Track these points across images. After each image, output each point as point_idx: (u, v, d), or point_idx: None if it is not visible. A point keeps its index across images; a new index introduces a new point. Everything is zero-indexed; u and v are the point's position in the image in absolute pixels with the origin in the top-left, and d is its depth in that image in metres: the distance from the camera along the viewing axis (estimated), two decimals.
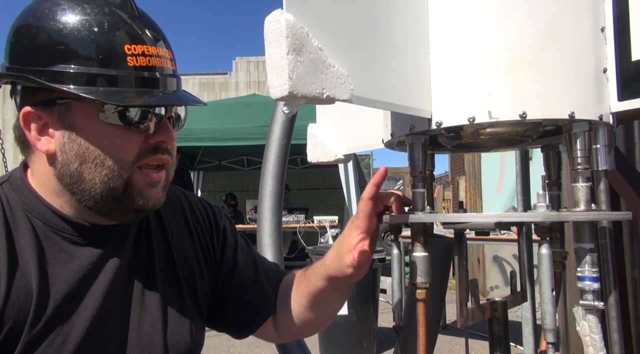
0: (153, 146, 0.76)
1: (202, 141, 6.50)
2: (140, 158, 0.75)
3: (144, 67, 0.72)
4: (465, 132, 0.74)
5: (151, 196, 0.77)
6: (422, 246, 0.74)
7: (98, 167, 0.73)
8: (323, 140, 1.12)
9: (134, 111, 0.72)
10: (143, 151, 0.75)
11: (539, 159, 0.88)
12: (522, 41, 0.65)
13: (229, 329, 1.00)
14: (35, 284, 0.71)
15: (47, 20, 0.71)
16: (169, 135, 0.77)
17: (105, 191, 0.74)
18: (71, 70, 0.69)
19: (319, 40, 0.56)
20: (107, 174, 0.73)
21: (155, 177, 0.77)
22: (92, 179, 0.73)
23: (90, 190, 0.74)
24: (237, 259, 0.98)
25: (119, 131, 0.73)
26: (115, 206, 0.76)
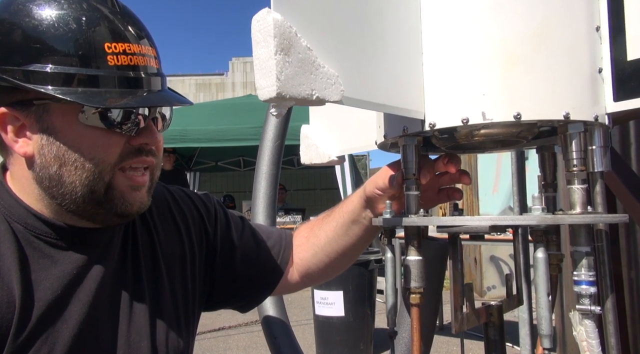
0: (136, 148, 0.74)
1: (198, 142, 6.49)
2: (123, 160, 0.73)
3: (126, 66, 0.69)
4: (459, 133, 0.73)
5: (135, 199, 0.75)
6: (416, 250, 0.73)
7: (78, 170, 0.71)
8: (316, 141, 1.10)
9: (116, 112, 0.70)
10: (125, 153, 0.73)
11: (536, 159, 0.87)
12: (516, 40, 0.64)
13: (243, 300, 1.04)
14: (17, 292, 0.69)
15: (21, 16, 0.68)
16: (153, 137, 0.75)
17: (86, 194, 0.72)
18: (48, 69, 0.67)
19: (308, 39, 0.55)
20: (87, 176, 0.71)
21: (139, 180, 0.75)
22: (72, 183, 0.71)
23: (71, 194, 0.72)
24: (233, 237, 0.99)
25: (99, 133, 0.71)
26: (98, 209, 0.74)
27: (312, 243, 1.01)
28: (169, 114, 0.81)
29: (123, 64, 0.69)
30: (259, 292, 1.04)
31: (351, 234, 0.93)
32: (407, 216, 0.72)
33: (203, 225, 0.98)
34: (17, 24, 0.68)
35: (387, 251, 0.80)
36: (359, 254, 1.03)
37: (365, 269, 3.48)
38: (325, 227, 0.98)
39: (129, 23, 0.72)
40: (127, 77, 0.70)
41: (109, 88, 0.69)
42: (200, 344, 3.90)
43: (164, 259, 0.88)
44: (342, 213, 0.93)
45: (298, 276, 1.04)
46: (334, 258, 0.99)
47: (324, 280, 1.14)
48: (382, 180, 0.80)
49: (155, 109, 0.76)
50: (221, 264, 0.98)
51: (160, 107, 0.78)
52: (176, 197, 0.98)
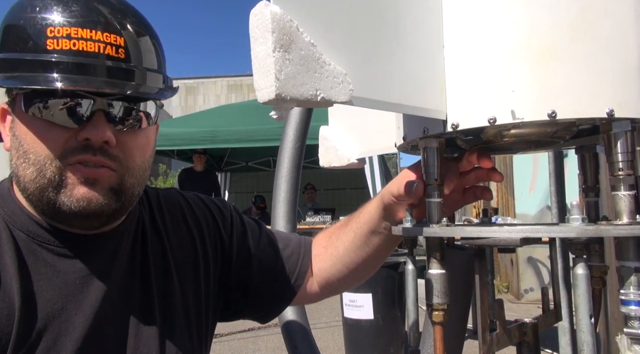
0: (82, 145, 0.68)
1: (229, 142, 6.55)
2: (67, 156, 0.67)
3: (66, 51, 0.65)
4: (486, 134, 0.66)
5: (83, 195, 0.67)
6: (438, 263, 0.66)
7: (25, 163, 0.68)
8: (335, 143, 1.05)
9: (56, 102, 0.66)
10: (70, 148, 0.67)
11: (576, 157, 0.79)
12: (549, 30, 0.56)
13: (261, 311, 0.99)
14: (17, 304, 0.67)
15: (7, 12, 0.69)
16: (96, 132, 0.67)
17: (36, 191, 0.68)
18: (1, 56, 0.66)
19: (311, 34, 0.49)
20: (32, 171, 0.67)
21: (87, 172, 0.68)
22: (24, 177, 0.68)
23: (26, 191, 0.69)
24: (249, 244, 0.95)
25: (43, 125, 0.67)
26: (54, 209, 0.69)
27: (331, 254, 0.96)
28: (155, 111, 0.75)
29: (64, 48, 0.65)
30: (277, 302, 0.99)
31: (370, 245, 0.88)
32: (429, 225, 0.66)
33: (218, 232, 0.94)
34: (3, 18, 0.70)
35: (408, 263, 0.74)
36: (381, 263, 0.97)
37: (395, 272, 3.39)
38: (343, 237, 0.92)
39: (97, 10, 0.68)
40: (71, 62, 0.64)
41: (52, 73, 0.64)
42: (230, 345, 3.91)
43: (175, 268, 0.85)
44: (360, 224, 0.87)
45: (317, 287, 0.99)
46: (354, 269, 0.93)
47: (344, 290, 1.09)
48: (398, 188, 0.74)
49: (104, 101, 0.68)
50: (237, 272, 0.94)
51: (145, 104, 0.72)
52: (190, 203, 0.95)
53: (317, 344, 1.19)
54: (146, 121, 0.74)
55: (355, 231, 0.89)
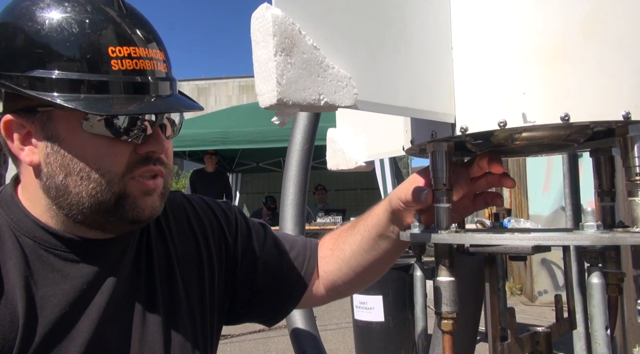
0: (144, 157, 0.71)
1: (239, 143, 6.58)
2: (131, 170, 0.70)
3: (131, 70, 0.66)
4: (497, 138, 0.64)
5: (146, 204, 0.72)
6: (447, 270, 0.64)
7: (84, 181, 0.68)
8: (343, 146, 1.04)
9: (122, 119, 0.67)
10: (133, 162, 0.70)
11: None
12: (562, 29, 0.54)
13: (267, 314, 0.98)
14: (21, 311, 0.67)
15: (24, 20, 0.66)
16: (160, 145, 0.72)
17: (94, 205, 0.69)
18: (51, 75, 0.64)
19: (314, 37, 0.48)
20: (94, 187, 0.68)
21: (150, 184, 0.72)
22: (78, 193, 0.68)
23: (78, 204, 0.69)
24: (254, 247, 0.95)
25: (104, 142, 0.68)
26: (108, 218, 0.71)
27: (337, 256, 0.94)
28: (179, 119, 0.78)
29: (128, 68, 0.66)
30: (283, 305, 0.98)
31: (378, 249, 0.86)
32: (437, 231, 0.64)
33: (223, 235, 0.93)
34: (20, 28, 0.66)
35: (417, 269, 0.73)
36: (389, 267, 0.95)
37: (406, 273, 3.36)
38: (350, 240, 0.91)
39: (136, 26, 0.69)
40: (133, 82, 0.67)
41: (114, 94, 0.66)
42: (241, 346, 3.92)
43: (180, 271, 0.85)
44: (368, 227, 0.86)
45: (324, 289, 0.98)
46: (360, 272, 0.91)
47: (351, 293, 1.07)
48: (406, 193, 0.72)
49: (163, 116, 0.72)
50: (242, 276, 0.94)
51: (169, 113, 0.74)
52: (195, 207, 0.94)
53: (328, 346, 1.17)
54: (171, 128, 0.77)
55: (362, 234, 0.88)
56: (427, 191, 0.68)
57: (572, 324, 0.79)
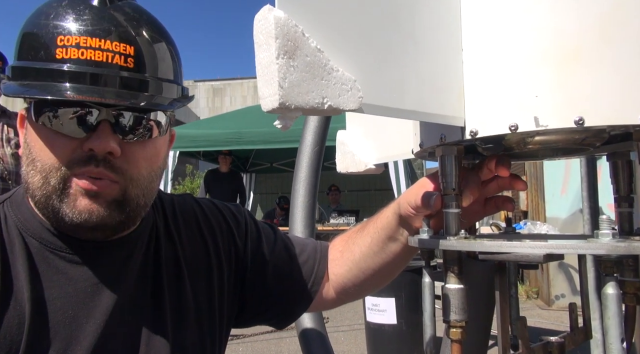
0: (87, 155, 0.67)
1: (253, 143, 6.59)
2: (73, 166, 0.67)
3: (74, 60, 0.64)
4: (508, 142, 0.62)
5: (84, 207, 0.67)
6: (456, 277, 0.63)
7: (33, 171, 0.68)
8: (352, 148, 1.03)
9: (64, 112, 0.66)
10: (76, 158, 0.67)
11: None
12: (576, 30, 0.52)
13: (277, 317, 0.97)
14: (28, 312, 0.67)
15: (26, 19, 0.70)
16: (100, 142, 0.66)
17: (42, 198, 0.68)
18: (14, 65, 0.67)
19: (318, 39, 0.47)
20: (38, 179, 0.68)
21: (88, 184, 0.67)
22: (32, 184, 0.69)
23: (33, 196, 0.70)
24: (264, 250, 0.94)
25: (49, 133, 0.67)
26: (59, 218, 0.69)
27: (347, 258, 0.93)
28: (165, 120, 0.74)
29: (72, 57, 0.64)
30: (294, 308, 0.98)
31: (388, 252, 0.84)
32: (446, 237, 0.63)
33: (232, 238, 0.93)
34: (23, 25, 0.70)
35: (425, 275, 0.71)
36: (400, 270, 0.94)
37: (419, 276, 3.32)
38: (359, 242, 0.90)
39: (108, 19, 0.67)
40: (78, 72, 0.64)
41: (60, 83, 0.64)
42: (253, 346, 3.93)
43: (188, 275, 0.84)
44: (377, 229, 0.84)
45: (334, 292, 0.97)
46: (370, 275, 0.90)
47: (361, 297, 1.05)
48: (415, 198, 0.70)
49: (109, 111, 0.67)
50: (252, 279, 0.93)
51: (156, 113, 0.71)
52: (204, 210, 0.94)
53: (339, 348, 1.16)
54: (157, 130, 0.73)
55: (372, 236, 0.86)
56: (436, 196, 0.66)
57: (588, 333, 0.76)
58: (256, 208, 9.87)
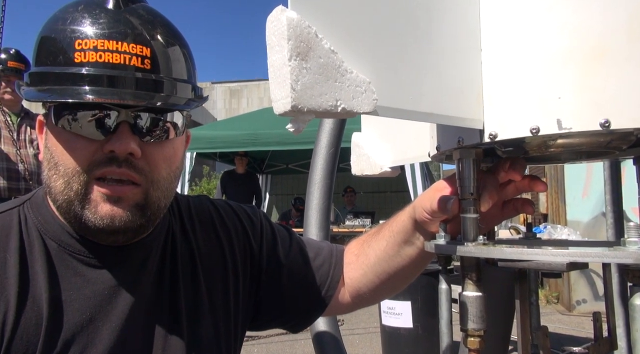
0: (108, 157, 0.67)
1: (269, 145, 6.62)
2: (94, 169, 0.67)
3: (92, 63, 0.65)
4: (529, 145, 0.60)
5: (107, 212, 0.67)
6: (474, 285, 0.61)
7: (55, 175, 0.69)
8: (368, 151, 1.01)
9: (83, 115, 0.67)
10: (97, 161, 0.67)
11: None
12: (602, 29, 0.50)
13: (293, 321, 0.97)
14: (45, 314, 0.67)
15: (43, 24, 0.71)
16: (120, 143, 0.66)
17: (64, 203, 0.69)
18: (32, 70, 0.68)
19: (331, 41, 0.46)
20: (60, 183, 0.68)
21: (109, 190, 0.67)
22: (54, 188, 0.69)
23: (55, 201, 0.70)
24: (279, 253, 0.93)
25: (69, 137, 0.68)
26: (81, 222, 0.69)
27: (362, 262, 0.92)
28: (182, 121, 0.74)
29: (91, 60, 0.65)
30: (309, 313, 0.96)
31: (403, 256, 0.83)
32: (464, 243, 0.61)
33: (248, 241, 0.92)
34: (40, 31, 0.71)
35: (442, 281, 0.69)
36: (416, 275, 0.92)
37: (435, 279, 3.28)
38: (375, 245, 0.88)
39: (124, 22, 0.67)
40: (97, 75, 0.65)
41: (79, 86, 0.64)
42: (268, 347, 3.93)
43: (204, 278, 0.84)
44: (393, 233, 0.83)
45: (349, 297, 0.95)
46: (385, 280, 0.88)
47: (377, 302, 1.04)
48: (431, 203, 0.68)
49: (128, 112, 0.67)
50: (267, 283, 0.92)
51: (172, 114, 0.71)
52: (220, 212, 0.93)
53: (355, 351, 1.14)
54: (173, 131, 0.73)
55: (387, 239, 0.85)
56: (453, 200, 0.64)
57: (613, 344, 0.73)
58: (272, 209, 9.90)
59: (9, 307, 0.66)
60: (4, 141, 2.90)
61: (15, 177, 2.90)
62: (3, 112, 2.92)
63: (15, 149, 2.92)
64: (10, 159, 2.90)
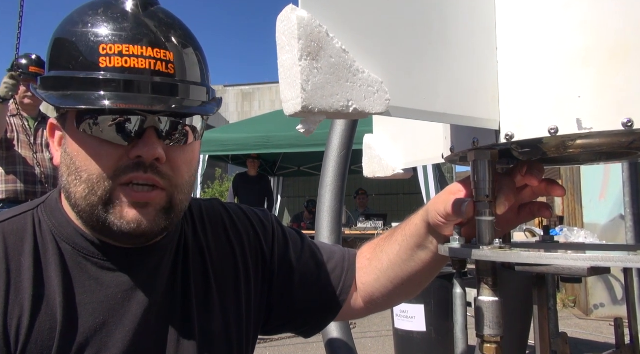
0: (134, 162, 0.67)
1: (281, 147, 6.63)
2: (120, 175, 0.67)
3: (119, 68, 0.64)
4: (547, 146, 0.58)
5: (131, 217, 0.67)
6: (490, 289, 0.59)
7: (77, 181, 0.68)
8: (380, 153, 1.00)
9: (107, 119, 0.65)
10: (123, 166, 0.67)
11: None
12: (623, 26, 0.48)
13: (305, 326, 0.96)
14: (59, 318, 0.67)
15: (58, 26, 0.70)
16: (148, 149, 0.66)
17: (87, 208, 0.68)
18: (52, 74, 0.67)
19: (343, 40, 0.45)
20: (84, 189, 0.67)
21: (138, 195, 0.67)
22: (75, 194, 0.68)
23: (77, 206, 0.69)
24: (291, 258, 0.92)
25: (94, 142, 0.67)
26: (103, 227, 0.69)
27: (375, 267, 0.90)
28: (201, 124, 0.74)
29: (116, 66, 0.64)
30: (321, 317, 0.95)
31: (417, 260, 0.81)
32: (479, 246, 0.59)
33: (259, 245, 0.91)
34: (54, 33, 0.70)
35: (456, 286, 0.68)
36: (429, 281, 0.90)
37: (449, 282, 3.24)
38: (387, 250, 0.86)
39: (147, 25, 0.67)
40: (123, 80, 0.64)
41: (104, 91, 0.64)
42: (280, 350, 3.92)
43: (216, 282, 0.83)
44: (406, 237, 0.81)
45: (362, 302, 0.94)
46: (399, 284, 0.87)
47: (390, 307, 1.02)
48: (445, 207, 0.67)
49: (154, 117, 0.67)
50: (278, 287, 0.91)
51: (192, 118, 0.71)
52: (232, 216, 0.93)
53: None
54: (192, 135, 0.73)
55: (400, 244, 0.83)
56: (468, 203, 0.63)
57: (636, 351, 0.71)
58: (284, 212, 9.91)
59: (23, 310, 0.66)
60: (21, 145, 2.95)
61: (32, 181, 2.95)
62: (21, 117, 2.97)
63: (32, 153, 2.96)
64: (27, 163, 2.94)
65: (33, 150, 2.97)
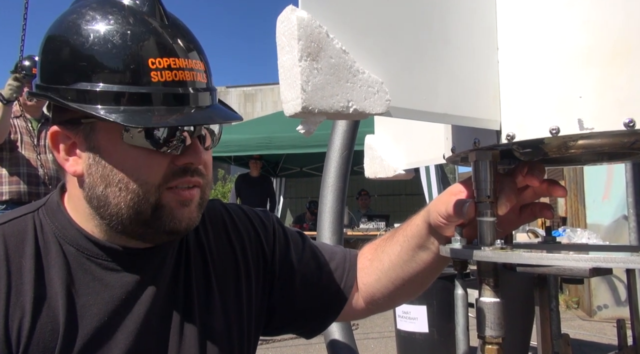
0: (181, 168, 0.70)
1: (283, 148, 6.64)
2: (168, 181, 0.70)
3: (171, 82, 0.66)
4: (548, 146, 0.58)
5: (183, 216, 0.72)
6: (491, 290, 0.59)
7: (122, 192, 0.68)
8: (381, 153, 1.00)
9: (161, 131, 0.67)
10: (170, 173, 0.70)
11: None
12: (625, 25, 0.48)
13: (306, 327, 0.96)
14: (62, 320, 0.67)
15: (70, 33, 0.68)
16: (198, 156, 0.71)
17: (132, 215, 0.69)
18: (95, 88, 0.65)
19: (343, 40, 0.45)
20: (132, 198, 0.68)
21: (186, 195, 0.72)
22: (117, 204, 0.69)
23: (118, 215, 0.69)
24: (292, 258, 0.92)
25: (143, 153, 0.68)
26: (146, 229, 0.71)
27: (376, 267, 0.90)
28: (219, 129, 0.77)
29: (168, 80, 0.66)
30: (322, 318, 0.95)
31: (418, 261, 0.81)
32: (480, 247, 0.59)
33: (260, 246, 0.92)
34: (66, 41, 0.68)
35: (458, 287, 0.67)
36: (431, 281, 0.90)
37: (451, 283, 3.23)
38: (388, 250, 0.86)
39: (177, 36, 0.68)
40: (173, 93, 0.66)
41: (154, 106, 0.65)
42: (282, 351, 3.92)
43: (217, 282, 0.84)
44: (407, 237, 0.81)
45: (363, 302, 0.94)
46: (400, 285, 0.87)
47: (391, 307, 1.02)
48: (446, 207, 0.67)
49: (201, 127, 0.72)
50: (280, 288, 0.91)
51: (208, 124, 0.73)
52: (233, 217, 0.93)
53: None
54: (210, 138, 0.76)
55: (401, 244, 0.83)
56: (469, 204, 0.62)
57: (638, 352, 0.70)
58: (286, 212, 9.91)
59: (25, 312, 0.67)
60: (24, 146, 2.96)
61: (35, 182, 2.96)
62: (25, 118, 2.98)
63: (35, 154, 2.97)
64: (30, 164, 2.95)
65: (36, 151, 2.98)
